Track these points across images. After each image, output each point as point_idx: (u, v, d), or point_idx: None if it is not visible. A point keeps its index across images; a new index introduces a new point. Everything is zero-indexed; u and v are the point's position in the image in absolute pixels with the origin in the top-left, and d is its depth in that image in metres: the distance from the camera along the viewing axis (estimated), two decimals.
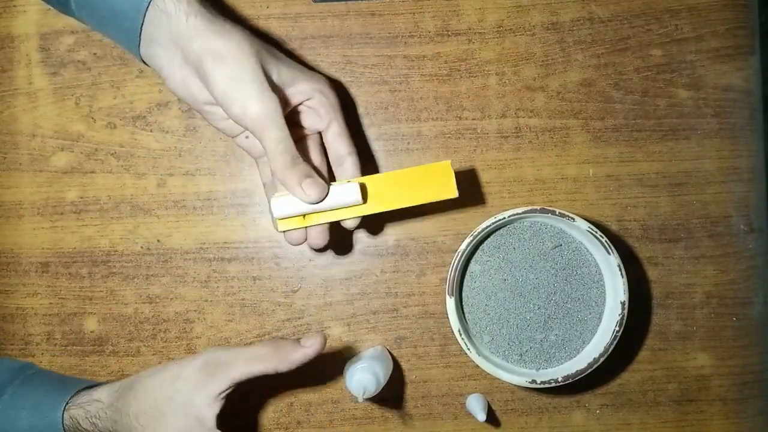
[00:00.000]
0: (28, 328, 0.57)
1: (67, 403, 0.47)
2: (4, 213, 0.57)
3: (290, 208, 0.44)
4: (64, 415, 0.46)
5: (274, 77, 0.44)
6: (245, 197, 0.57)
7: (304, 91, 0.45)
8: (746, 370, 0.57)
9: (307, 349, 0.44)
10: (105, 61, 0.57)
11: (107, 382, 0.48)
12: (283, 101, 0.45)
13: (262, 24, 0.57)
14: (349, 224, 0.47)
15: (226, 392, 0.43)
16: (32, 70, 0.57)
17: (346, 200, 0.44)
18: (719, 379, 0.57)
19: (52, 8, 0.56)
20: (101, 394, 0.46)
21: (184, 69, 0.43)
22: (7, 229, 0.57)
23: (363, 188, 0.46)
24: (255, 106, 0.41)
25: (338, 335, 0.57)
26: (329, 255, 0.57)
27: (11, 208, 0.57)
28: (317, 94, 0.46)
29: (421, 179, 0.46)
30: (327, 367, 0.57)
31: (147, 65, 0.45)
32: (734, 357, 0.57)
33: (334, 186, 0.44)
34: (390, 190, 0.46)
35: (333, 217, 0.46)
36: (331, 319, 0.57)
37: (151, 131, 0.57)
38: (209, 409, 0.43)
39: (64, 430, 0.46)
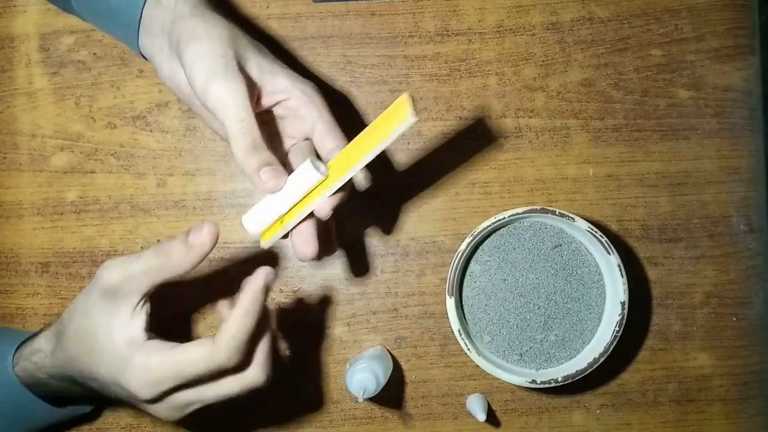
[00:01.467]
0: (28, 328, 0.57)
1: (14, 356, 0.45)
2: (4, 213, 0.57)
3: (261, 216, 0.42)
4: (16, 369, 0.45)
5: (253, 68, 0.42)
6: (245, 197, 0.57)
7: (283, 88, 0.42)
8: (746, 370, 0.57)
9: (195, 250, 0.40)
10: (105, 61, 0.57)
11: (43, 329, 0.46)
12: (256, 91, 0.42)
13: (262, 24, 0.57)
14: (321, 211, 0.41)
15: (140, 303, 0.41)
16: (32, 70, 0.57)
17: (306, 181, 0.41)
18: (719, 379, 0.57)
19: (52, 8, 0.57)
20: (42, 343, 0.44)
21: (171, 58, 0.42)
22: (7, 229, 0.57)
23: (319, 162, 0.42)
24: (218, 82, 0.39)
25: (338, 335, 0.57)
26: (329, 255, 0.57)
27: (11, 208, 0.57)
28: (297, 92, 0.42)
29: (382, 123, 0.40)
30: (327, 367, 0.57)
31: (146, 59, 0.45)
32: (734, 357, 0.57)
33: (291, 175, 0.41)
34: (354, 151, 0.41)
35: (307, 207, 0.41)
36: (331, 319, 0.57)
37: (151, 131, 0.57)
38: (131, 327, 0.40)
39: (20, 382, 0.45)
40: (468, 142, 0.57)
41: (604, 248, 0.49)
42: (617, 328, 0.49)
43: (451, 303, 0.49)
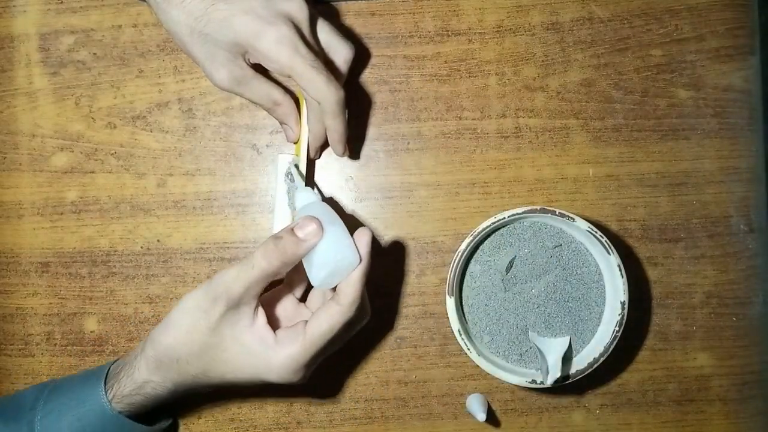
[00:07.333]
0: (28, 328, 0.57)
1: (105, 390, 0.46)
2: (4, 213, 0.57)
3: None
4: (117, 406, 0.45)
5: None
6: (245, 197, 0.57)
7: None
8: (746, 370, 0.57)
9: (305, 242, 0.43)
10: (105, 61, 0.57)
11: (124, 366, 0.46)
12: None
13: None
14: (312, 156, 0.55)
15: (257, 305, 0.44)
16: (32, 70, 0.57)
17: (285, 165, 0.54)
18: (719, 379, 0.57)
19: (52, 8, 0.57)
20: (146, 375, 0.45)
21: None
22: (7, 229, 0.57)
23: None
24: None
25: None
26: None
27: (11, 208, 0.57)
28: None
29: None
30: (326, 366, 0.57)
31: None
32: (734, 357, 0.57)
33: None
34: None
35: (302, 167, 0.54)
36: None
37: (151, 131, 0.57)
38: (258, 329, 0.43)
39: (114, 409, 0.45)
40: (468, 142, 0.57)
41: (604, 248, 0.49)
42: (617, 328, 0.49)
43: (451, 303, 0.49)
